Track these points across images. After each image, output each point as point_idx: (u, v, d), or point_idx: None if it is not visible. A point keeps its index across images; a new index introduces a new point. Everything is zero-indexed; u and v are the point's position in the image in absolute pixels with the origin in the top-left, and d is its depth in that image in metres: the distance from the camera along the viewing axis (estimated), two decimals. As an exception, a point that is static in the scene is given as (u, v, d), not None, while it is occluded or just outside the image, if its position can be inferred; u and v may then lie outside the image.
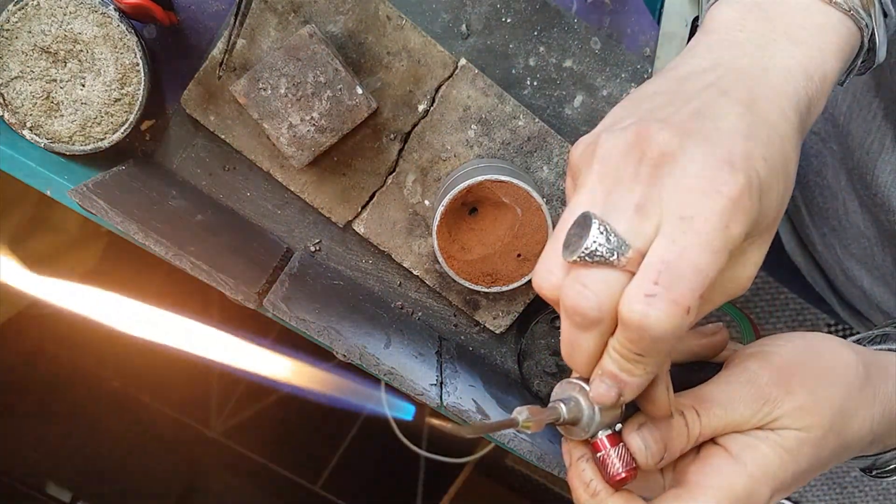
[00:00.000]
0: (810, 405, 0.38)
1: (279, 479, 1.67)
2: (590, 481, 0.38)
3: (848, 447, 0.39)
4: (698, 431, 0.38)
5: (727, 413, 0.38)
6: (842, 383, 0.39)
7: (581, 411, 0.37)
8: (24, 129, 0.54)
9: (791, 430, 0.37)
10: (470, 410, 0.54)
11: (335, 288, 0.60)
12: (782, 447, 0.37)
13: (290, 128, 0.55)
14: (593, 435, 0.38)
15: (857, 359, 0.40)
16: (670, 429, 0.38)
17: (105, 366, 1.61)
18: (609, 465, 0.37)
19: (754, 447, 0.37)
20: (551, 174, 0.60)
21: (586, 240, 0.31)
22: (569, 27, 0.58)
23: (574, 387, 0.38)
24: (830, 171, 0.58)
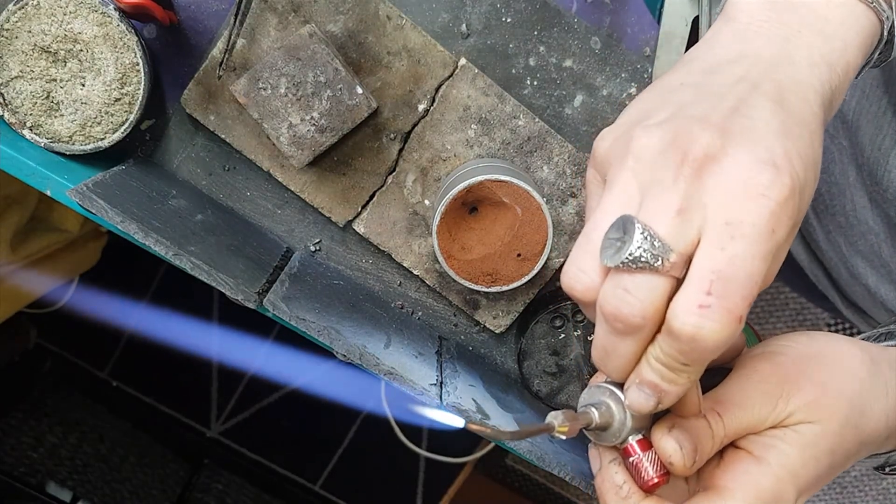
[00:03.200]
0: (822, 399, 0.38)
1: (279, 479, 1.67)
2: (622, 484, 0.38)
3: (866, 442, 0.39)
4: (723, 433, 0.38)
5: (746, 413, 0.38)
6: (851, 377, 0.39)
7: (612, 416, 0.37)
8: (24, 128, 0.54)
9: (806, 424, 0.38)
10: (470, 410, 0.54)
11: (335, 288, 0.60)
12: (800, 443, 0.37)
13: (290, 127, 0.55)
14: (624, 440, 0.38)
15: (863, 354, 0.40)
16: (698, 431, 0.38)
17: (105, 366, 1.61)
18: (642, 470, 0.37)
19: (775, 446, 0.38)
20: (551, 174, 0.60)
21: (630, 245, 0.30)
22: (569, 27, 0.58)
23: (604, 391, 0.38)
24: (838, 168, 0.58)
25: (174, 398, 1.64)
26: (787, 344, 0.41)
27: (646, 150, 0.32)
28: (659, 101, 0.34)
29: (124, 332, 1.60)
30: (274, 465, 1.68)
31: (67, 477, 1.30)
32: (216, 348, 1.63)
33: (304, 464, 1.69)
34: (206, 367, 1.64)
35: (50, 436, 1.35)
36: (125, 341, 1.61)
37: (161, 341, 1.59)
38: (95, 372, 1.61)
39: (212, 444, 1.64)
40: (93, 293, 1.44)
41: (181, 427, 1.64)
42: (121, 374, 1.61)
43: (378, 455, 1.69)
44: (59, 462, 1.32)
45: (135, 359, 1.62)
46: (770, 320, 1.64)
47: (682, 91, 0.34)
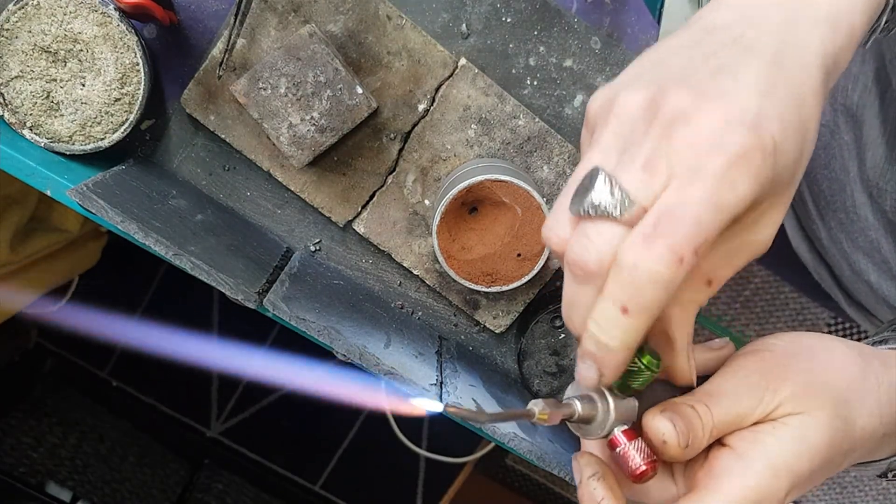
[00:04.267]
0: (809, 390, 0.37)
1: (279, 479, 1.67)
2: (601, 500, 0.38)
3: (859, 438, 0.39)
4: (711, 422, 0.38)
5: (733, 404, 0.38)
6: (839, 370, 0.39)
7: (595, 408, 0.37)
8: (25, 128, 0.54)
9: (794, 416, 0.37)
10: (470, 410, 0.54)
11: (335, 288, 0.60)
12: (789, 436, 0.37)
13: (290, 127, 0.55)
14: (608, 433, 0.38)
15: (851, 350, 0.40)
16: (689, 415, 0.38)
17: (105, 366, 1.61)
18: (629, 458, 0.37)
19: (760, 441, 0.37)
20: (551, 174, 0.60)
21: (591, 193, 0.31)
22: (569, 27, 0.58)
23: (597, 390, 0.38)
24: (838, 164, 0.57)
25: (174, 398, 1.64)
26: (775, 342, 0.41)
27: (626, 109, 0.33)
28: (651, 63, 0.35)
29: (124, 332, 1.60)
30: (274, 465, 1.68)
31: (67, 477, 1.30)
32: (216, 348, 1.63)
33: (304, 464, 1.69)
34: (206, 367, 1.64)
35: (50, 436, 1.35)
36: (125, 341, 1.61)
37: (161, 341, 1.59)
38: (95, 372, 1.61)
39: (212, 444, 1.64)
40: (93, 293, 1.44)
41: (181, 427, 1.64)
42: (121, 374, 1.61)
43: (378, 455, 1.69)
44: (59, 462, 1.32)
45: (135, 359, 1.62)
46: (770, 320, 1.64)
47: (678, 54, 0.34)
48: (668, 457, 0.38)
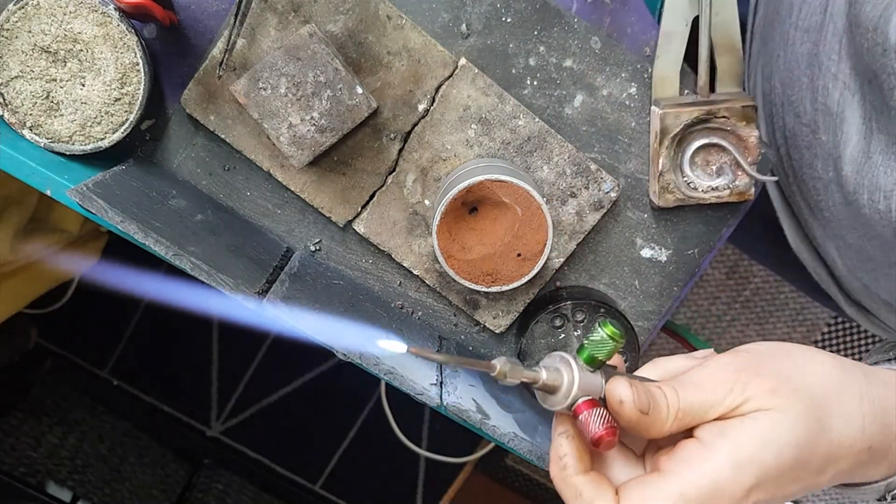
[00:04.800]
0: (781, 388, 0.37)
1: (279, 479, 1.67)
2: (563, 456, 0.39)
3: (839, 446, 0.38)
4: (677, 404, 0.38)
5: (700, 393, 0.38)
6: (816, 375, 0.39)
7: (561, 379, 0.38)
8: (25, 128, 0.54)
9: (763, 412, 0.37)
10: (470, 410, 0.54)
11: (335, 287, 0.60)
12: (756, 430, 0.37)
13: (290, 127, 0.55)
14: (572, 404, 0.38)
15: (834, 359, 0.40)
16: (653, 389, 0.38)
17: (105, 365, 1.61)
18: (589, 424, 0.38)
19: (725, 434, 0.37)
20: (551, 174, 0.60)
21: None
22: (569, 27, 0.58)
23: (559, 358, 0.39)
24: (821, 163, 0.58)
25: (174, 398, 1.63)
26: (756, 345, 0.41)
27: None
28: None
29: (124, 332, 1.60)
30: (274, 465, 1.68)
31: (67, 477, 1.30)
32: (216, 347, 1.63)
33: (304, 464, 1.69)
34: (206, 366, 1.64)
35: (50, 436, 1.35)
36: (125, 341, 1.61)
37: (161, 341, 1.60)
38: (95, 372, 1.61)
39: (212, 443, 1.64)
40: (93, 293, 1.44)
41: (181, 427, 1.64)
42: (121, 374, 1.61)
43: (378, 455, 1.69)
44: (59, 462, 1.32)
45: (135, 358, 1.62)
46: (770, 320, 1.64)
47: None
48: (626, 420, 0.38)
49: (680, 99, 0.59)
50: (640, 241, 0.64)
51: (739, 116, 0.58)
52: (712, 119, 0.58)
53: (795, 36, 0.58)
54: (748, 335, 1.65)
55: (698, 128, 0.59)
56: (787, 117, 0.61)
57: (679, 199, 0.60)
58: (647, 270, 0.64)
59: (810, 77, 0.56)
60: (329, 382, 1.65)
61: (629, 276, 0.64)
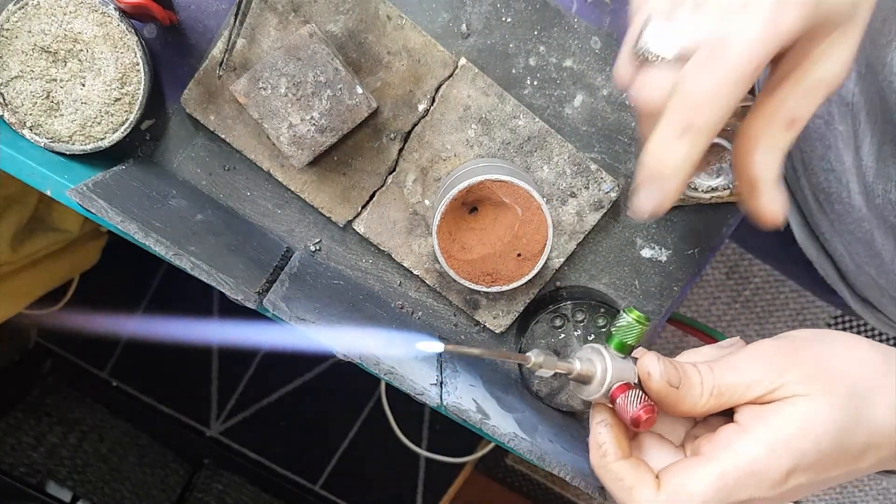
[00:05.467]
0: (820, 374, 0.37)
1: (279, 479, 1.67)
2: (602, 444, 0.40)
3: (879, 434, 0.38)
4: (712, 382, 0.38)
5: (737, 374, 0.38)
6: (857, 362, 0.38)
7: (594, 368, 0.39)
8: (25, 128, 0.54)
9: (800, 398, 0.37)
10: (470, 410, 0.54)
11: (335, 287, 0.60)
12: (795, 416, 0.37)
13: (290, 127, 0.55)
14: (607, 391, 0.39)
15: (875, 347, 0.40)
16: (685, 367, 0.39)
17: (105, 366, 1.61)
18: (627, 406, 0.38)
19: (765, 418, 0.37)
20: (551, 174, 0.60)
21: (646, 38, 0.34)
22: (569, 27, 0.58)
23: (593, 350, 0.40)
24: (834, 154, 0.58)
25: (174, 398, 1.64)
26: (798, 332, 0.41)
27: None
28: None
29: (124, 332, 1.60)
30: (274, 465, 1.68)
31: (67, 477, 1.30)
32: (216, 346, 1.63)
33: (304, 464, 1.69)
34: (206, 366, 1.64)
35: (50, 436, 1.35)
36: (125, 341, 1.61)
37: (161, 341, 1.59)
38: (95, 372, 1.61)
39: (212, 444, 1.64)
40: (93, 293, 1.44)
41: (181, 427, 1.64)
42: (121, 374, 1.61)
43: (378, 455, 1.69)
44: (59, 462, 1.32)
45: (135, 359, 1.62)
46: (770, 320, 1.64)
47: None
48: (656, 393, 0.39)
49: None
50: (640, 241, 0.64)
51: (740, 116, 0.58)
52: None
53: None
54: (748, 335, 1.65)
55: None
56: None
57: (679, 199, 0.60)
58: (647, 270, 0.64)
59: None
60: (329, 382, 1.65)
61: (629, 276, 0.64)
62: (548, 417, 0.62)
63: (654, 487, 0.38)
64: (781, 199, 0.37)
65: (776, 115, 0.36)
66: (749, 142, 0.37)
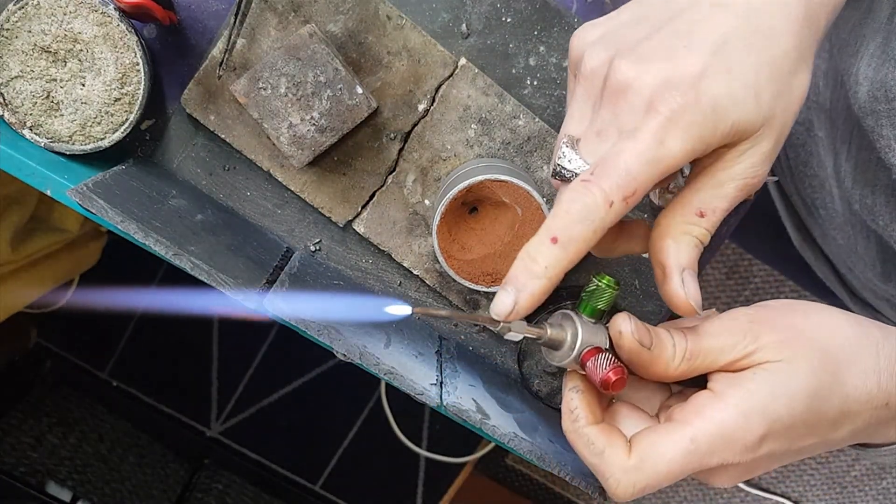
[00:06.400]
0: (793, 339, 0.37)
1: (279, 479, 1.67)
2: (574, 409, 0.40)
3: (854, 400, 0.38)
4: (684, 347, 0.38)
5: (711, 339, 0.38)
6: (831, 329, 0.38)
7: (565, 333, 0.40)
8: (25, 128, 0.54)
9: (774, 363, 0.37)
10: (470, 410, 0.54)
11: (335, 288, 0.60)
12: (768, 380, 0.37)
13: (290, 127, 0.55)
14: (578, 355, 0.39)
15: (849, 316, 0.40)
16: (658, 330, 0.39)
17: (105, 366, 1.61)
18: (597, 369, 0.38)
19: (738, 384, 0.37)
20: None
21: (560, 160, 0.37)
22: (569, 27, 0.58)
23: (564, 315, 0.41)
24: (815, 161, 0.58)
25: (174, 398, 1.64)
26: (771, 302, 0.41)
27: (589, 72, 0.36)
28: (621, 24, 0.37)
29: (124, 332, 1.60)
30: (274, 465, 1.68)
31: (67, 477, 1.30)
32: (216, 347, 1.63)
33: (304, 464, 1.69)
34: (206, 367, 1.64)
35: (50, 436, 1.35)
36: (125, 341, 1.61)
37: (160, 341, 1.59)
38: (95, 372, 1.61)
39: (212, 443, 1.64)
40: (93, 293, 1.44)
41: (181, 427, 1.64)
42: (121, 374, 1.61)
43: (378, 455, 1.69)
44: (59, 462, 1.32)
45: (135, 359, 1.62)
46: (770, 320, 1.64)
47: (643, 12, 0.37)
48: (627, 352, 0.39)
49: None
50: (640, 241, 0.64)
51: None
52: None
53: None
54: (748, 335, 1.65)
55: None
56: None
57: (662, 204, 0.60)
58: (647, 270, 0.64)
59: None
60: (329, 382, 1.65)
61: (629, 276, 0.64)
62: (548, 417, 0.62)
63: (626, 452, 0.38)
64: (692, 288, 0.38)
65: (687, 206, 0.37)
66: (662, 229, 0.38)
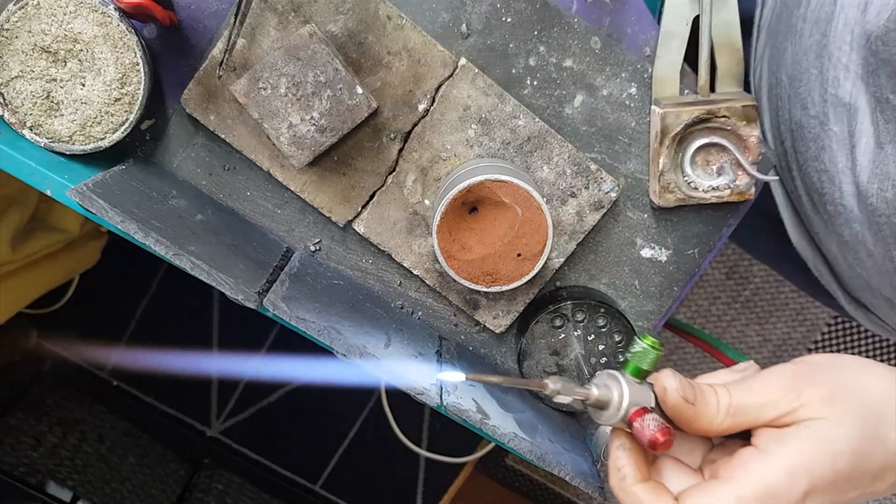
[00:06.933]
0: (836, 395, 0.38)
1: (279, 479, 1.67)
2: (622, 467, 0.41)
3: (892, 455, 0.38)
4: (728, 401, 0.39)
5: (755, 395, 0.39)
6: (873, 385, 0.39)
7: (611, 394, 0.40)
8: (25, 128, 0.54)
9: (818, 420, 0.38)
10: (470, 410, 0.54)
11: (335, 287, 0.60)
12: (812, 438, 0.37)
13: (290, 127, 0.55)
14: (625, 415, 0.40)
15: (888, 369, 0.40)
16: (702, 386, 0.40)
17: (105, 366, 1.61)
18: (644, 429, 0.39)
19: (783, 441, 0.38)
20: (551, 174, 0.60)
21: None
22: (569, 27, 0.58)
23: (610, 376, 0.41)
24: (828, 155, 0.58)
25: (174, 398, 1.63)
26: (812, 356, 0.42)
27: None
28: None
29: (124, 332, 1.60)
30: (274, 465, 1.68)
31: (67, 477, 1.30)
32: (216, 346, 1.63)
33: (304, 464, 1.69)
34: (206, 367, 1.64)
35: (50, 436, 1.35)
36: (125, 341, 1.61)
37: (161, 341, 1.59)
38: (95, 372, 1.61)
39: (212, 444, 1.64)
40: (93, 293, 1.44)
41: (181, 427, 1.64)
42: (121, 374, 1.61)
43: (378, 455, 1.69)
44: (59, 462, 1.32)
45: (135, 359, 1.62)
46: (770, 320, 1.64)
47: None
48: (672, 408, 0.40)
49: (680, 98, 0.59)
50: (640, 241, 0.64)
51: (740, 116, 0.58)
52: (713, 119, 0.58)
53: (804, 28, 0.58)
54: (748, 335, 1.65)
55: (699, 127, 0.59)
56: (794, 110, 0.61)
57: (679, 198, 0.60)
58: (647, 270, 0.64)
59: (819, 69, 0.56)
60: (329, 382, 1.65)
61: (629, 276, 0.64)
62: (548, 417, 0.62)
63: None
64: None
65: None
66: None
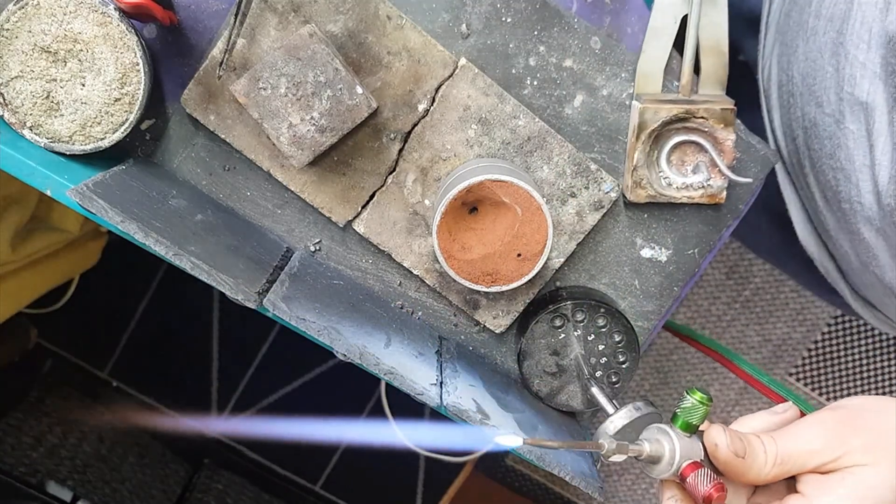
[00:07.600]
0: (878, 442, 0.40)
1: (279, 479, 1.67)
2: None
3: None
4: (775, 451, 0.41)
5: (800, 443, 0.41)
6: None
7: (663, 448, 0.42)
8: (25, 128, 0.54)
9: (861, 467, 0.40)
10: (470, 410, 0.54)
11: (335, 287, 0.60)
12: (856, 486, 0.39)
13: (290, 127, 0.55)
14: (677, 470, 0.42)
15: None
16: (749, 437, 0.42)
17: (105, 366, 1.61)
18: (698, 485, 0.41)
19: (827, 489, 0.40)
20: (551, 174, 0.60)
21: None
22: (569, 27, 0.58)
23: (659, 430, 0.43)
24: (844, 153, 0.58)
25: (174, 398, 1.63)
26: (852, 401, 0.43)
27: None
28: None
29: (124, 332, 1.60)
30: (274, 465, 1.68)
31: (67, 477, 1.30)
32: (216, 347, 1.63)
33: (304, 464, 1.69)
34: (206, 366, 1.64)
35: (50, 436, 1.35)
36: (125, 341, 1.61)
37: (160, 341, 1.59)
38: (95, 372, 1.61)
39: (212, 444, 1.64)
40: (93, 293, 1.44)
41: (181, 427, 1.63)
42: (121, 374, 1.61)
43: (378, 455, 1.69)
44: (59, 462, 1.32)
45: (135, 359, 1.62)
46: (770, 320, 1.64)
47: None
48: (723, 463, 0.42)
49: (661, 95, 0.59)
50: (640, 241, 0.64)
51: (718, 118, 0.58)
52: (690, 119, 0.58)
53: (817, 25, 0.58)
54: (748, 335, 1.65)
55: (676, 126, 0.59)
56: (808, 107, 0.60)
57: (650, 195, 0.60)
58: (647, 270, 0.64)
59: (835, 66, 0.56)
60: (329, 382, 1.65)
61: (629, 276, 0.64)
62: (548, 417, 0.62)
63: None
64: None
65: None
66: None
